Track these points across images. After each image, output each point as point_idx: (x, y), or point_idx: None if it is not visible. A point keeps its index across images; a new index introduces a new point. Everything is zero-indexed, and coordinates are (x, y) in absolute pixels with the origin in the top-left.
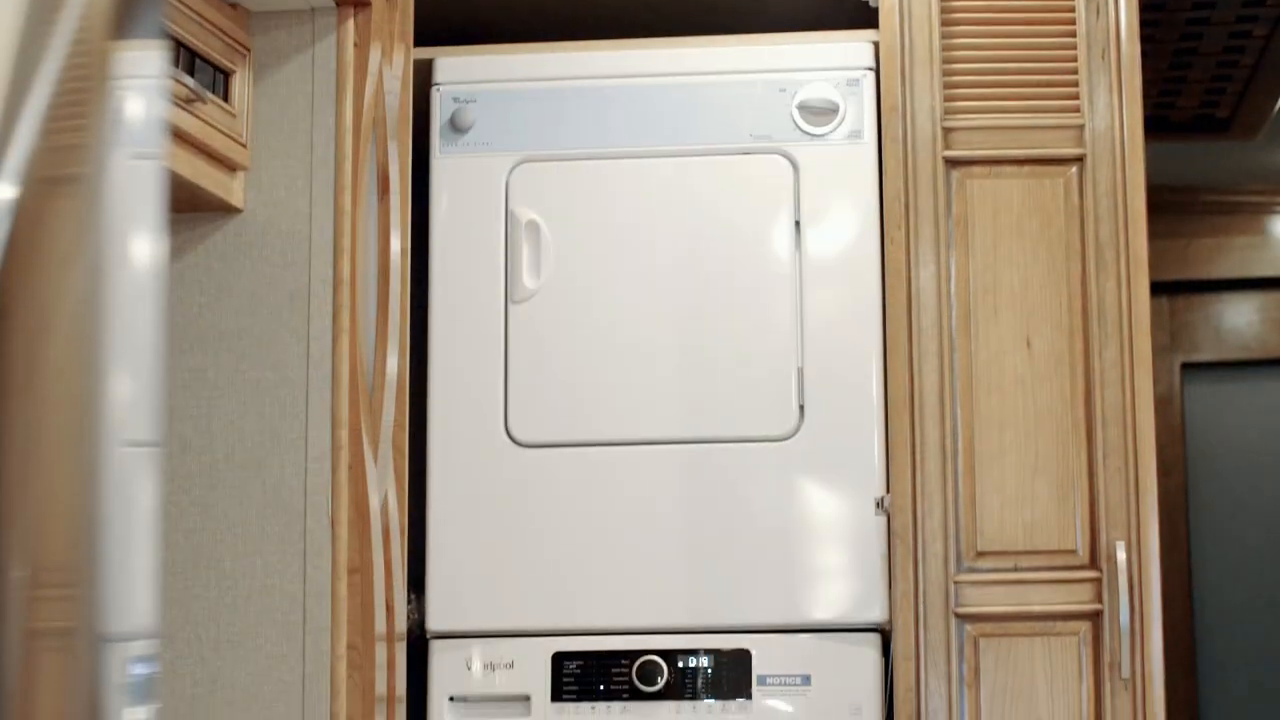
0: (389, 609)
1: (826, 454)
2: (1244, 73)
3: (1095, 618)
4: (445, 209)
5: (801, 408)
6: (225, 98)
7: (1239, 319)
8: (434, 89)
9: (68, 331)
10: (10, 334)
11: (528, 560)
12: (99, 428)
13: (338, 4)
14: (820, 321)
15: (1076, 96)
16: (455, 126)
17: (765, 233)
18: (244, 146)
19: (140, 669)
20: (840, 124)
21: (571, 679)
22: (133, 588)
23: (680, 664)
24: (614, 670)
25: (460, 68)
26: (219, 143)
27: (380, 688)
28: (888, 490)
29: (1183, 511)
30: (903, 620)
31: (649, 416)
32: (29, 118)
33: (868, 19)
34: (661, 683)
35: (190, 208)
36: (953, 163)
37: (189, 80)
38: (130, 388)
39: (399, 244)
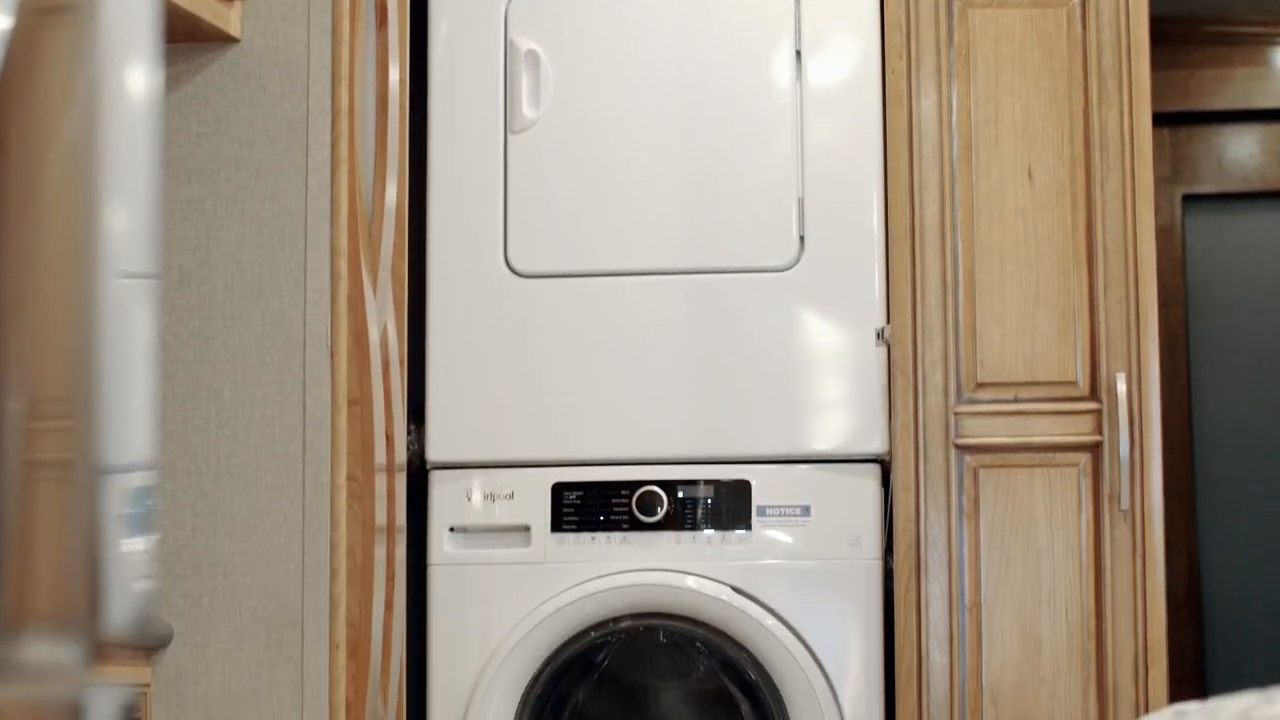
0: (389, 440)
1: (826, 285)
2: None
3: (1095, 449)
4: (444, 38)
5: (802, 238)
6: None
7: (1240, 150)
8: None
9: (64, 163)
10: (6, 166)
11: (527, 391)
12: (95, 260)
13: None
14: (821, 152)
15: None
16: None
17: (766, 62)
18: None
19: (139, 500)
20: None
21: (571, 509)
22: (130, 420)
23: (680, 494)
24: (614, 501)
25: None
26: None
27: (380, 518)
28: (888, 321)
29: (1183, 344)
30: (902, 451)
31: (649, 247)
32: None
33: None
34: (661, 513)
35: (187, 37)
36: None
37: None
38: (126, 219)
39: (397, 74)
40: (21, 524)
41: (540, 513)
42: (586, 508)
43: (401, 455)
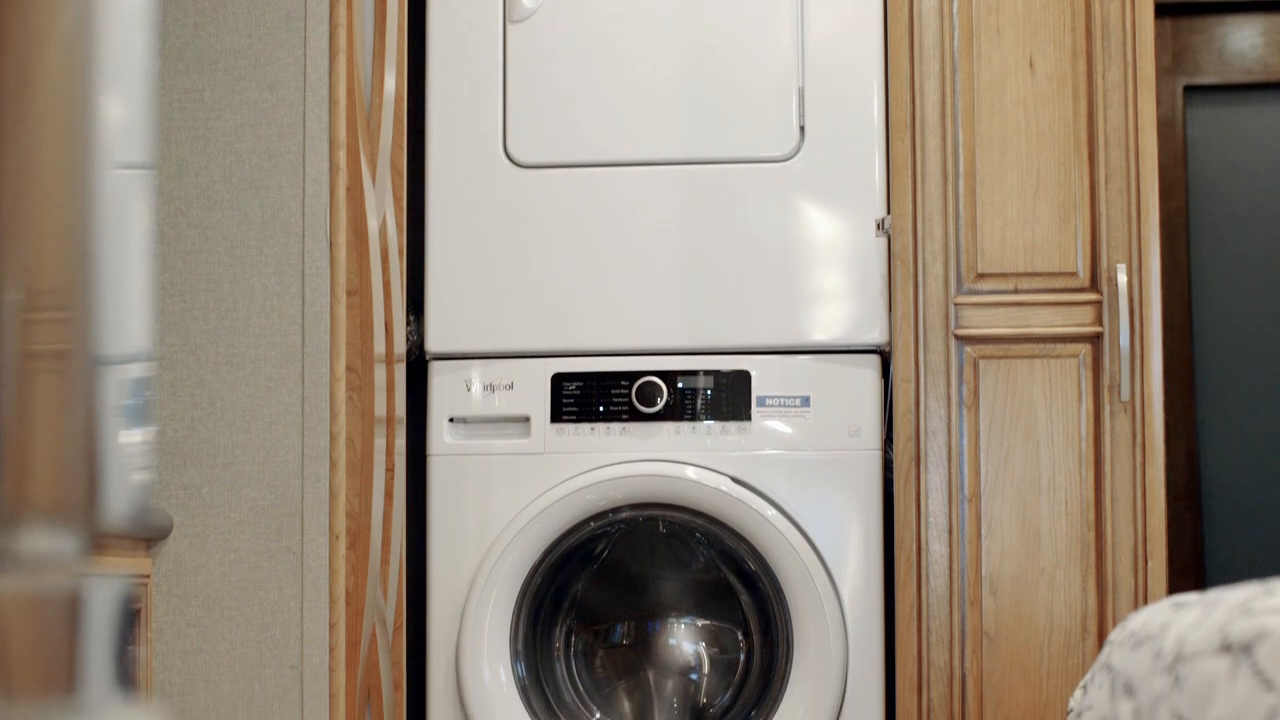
0: (388, 330)
1: (827, 175)
2: None
3: (1095, 340)
4: None
5: (802, 128)
6: None
7: (1243, 42)
8: None
9: (60, 54)
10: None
11: (527, 282)
12: (92, 151)
13: None
14: (821, 41)
15: None
16: None
17: None
18: None
19: (137, 391)
20: None
21: (571, 400)
22: (128, 311)
23: (680, 385)
24: (614, 391)
25: None
26: None
27: (379, 409)
28: (888, 211)
29: (1183, 235)
30: (902, 342)
31: (649, 137)
32: None
33: None
34: (661, 404)
35: None
36: None
37: None
38: (123, 110)
39: None
40: (19, 415)
41: (540, 403)
42: (586, 398)
43: (401, 346)
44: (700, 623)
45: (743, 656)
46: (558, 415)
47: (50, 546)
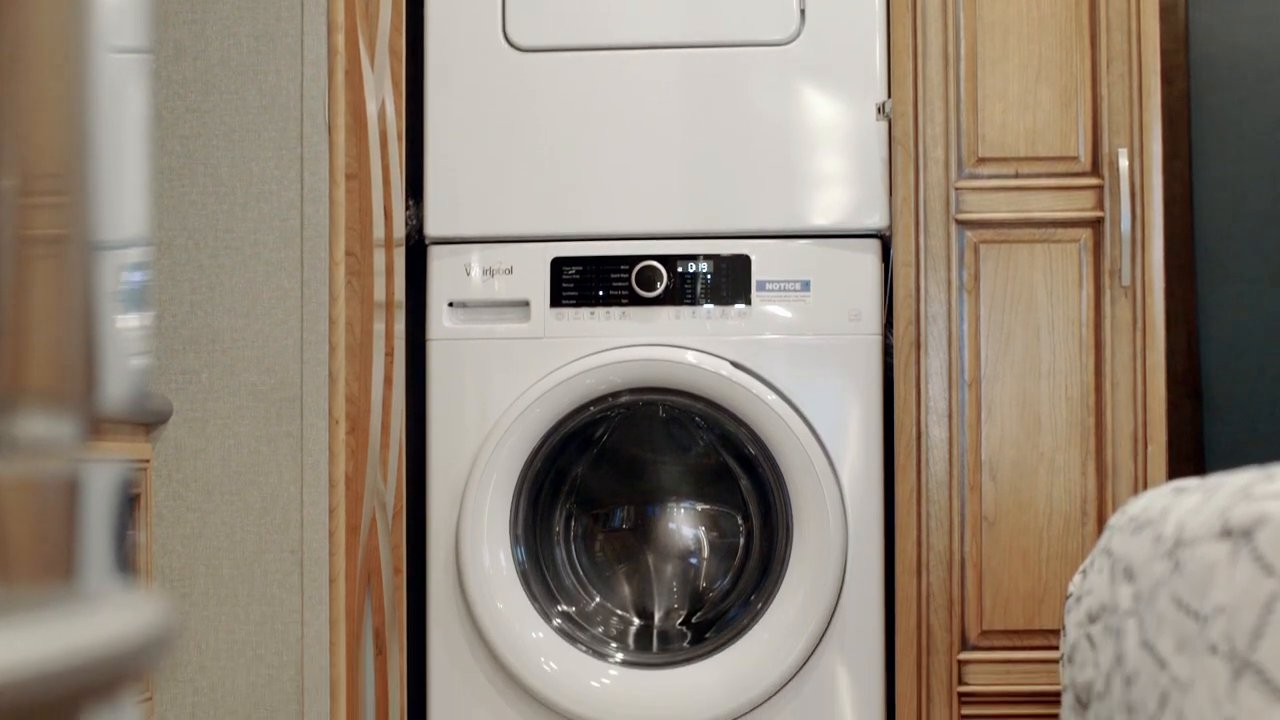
0: (387, 215)
1: (827, 58)
2: None
3: (1096, 225)
4: None
5: (802, 11)
6: None
7: None
8: None
9: None
10: None
11: (527, 166)
12: (88, 35)
13: None
14: None
15: None
16: None
17: None
18: None
19: (135, 276)
20: None
21: (571, 284)
22: (125, 196)
23: (679, 269)
24: (613, 275)
25: None
26: None
27: (379, 293)
28: (889, 95)
29: (1185, 119)
30: (903, 226)
31: (649, 19)
32: None
33: None
34: (661, 288)
35: None
36: None
37: None
38: None
39: None
40: (15, 301)
41: (539, 287)
42: (585, 282)
43: (400, 230)
44: (700, 507)
45: (742, 541)
46: (557, 300)
47: (48, 431)
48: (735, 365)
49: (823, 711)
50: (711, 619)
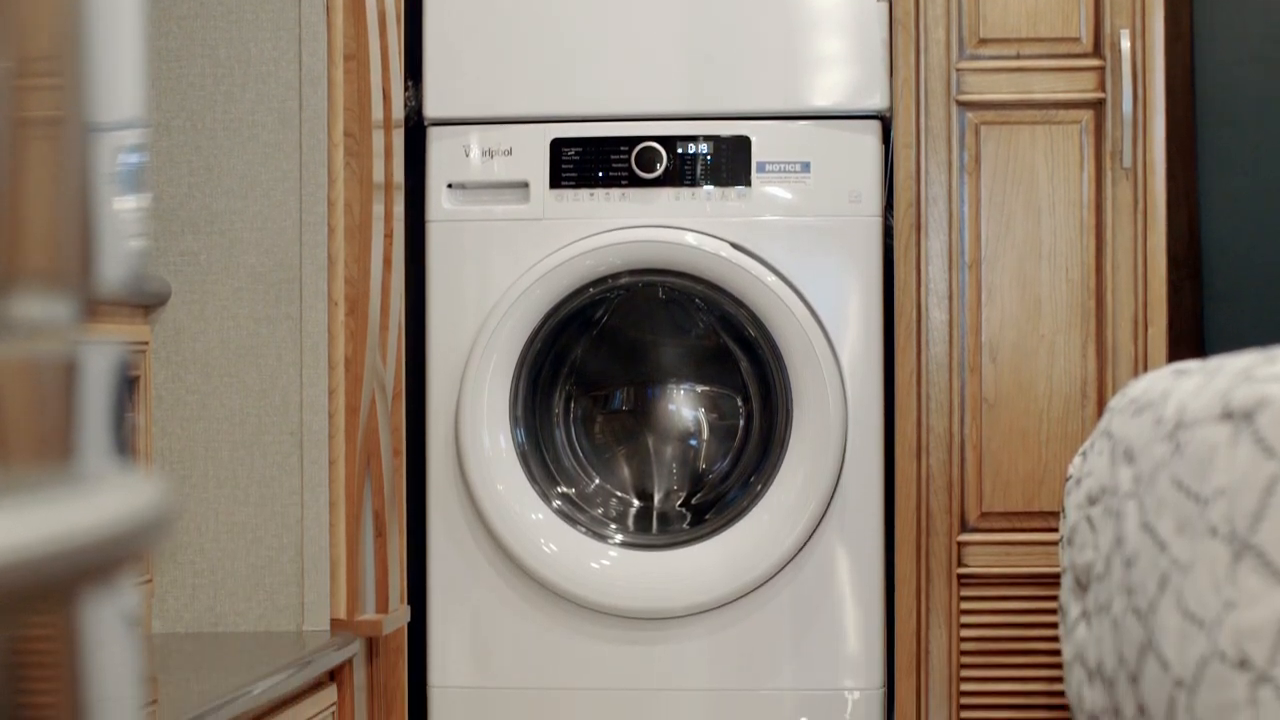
0: (385, 96)
1: None
2: None
3: (1098, 106)
4: None
5: None
6: None
7: None
8: None
9: None
10: None
11: (526, 46)
12: None
13: None
14: None
15: None
16: None
17: None
18: None
19: (131, 158)
20: None
21: (570, 165)
22: (122, 77)
23: (679, 150)
24: (613, 156)
25: None
26: None
27: (378, 175)
28: None
29: (1187, 2)
30: (904, 107)
31: None
32: None
33: None
34: (660, 169)
35: None
36: None
37: None
38: None
39: None
40: (11, 183)
41: (539, 169)
42: (585, 163)
43: (399, 111)
44: (700, 388)
45: (742, 422)
46: (557, 181)
47: (45, 313)
48: (735, 247)
49: (822, 593)
50: (711, 501)
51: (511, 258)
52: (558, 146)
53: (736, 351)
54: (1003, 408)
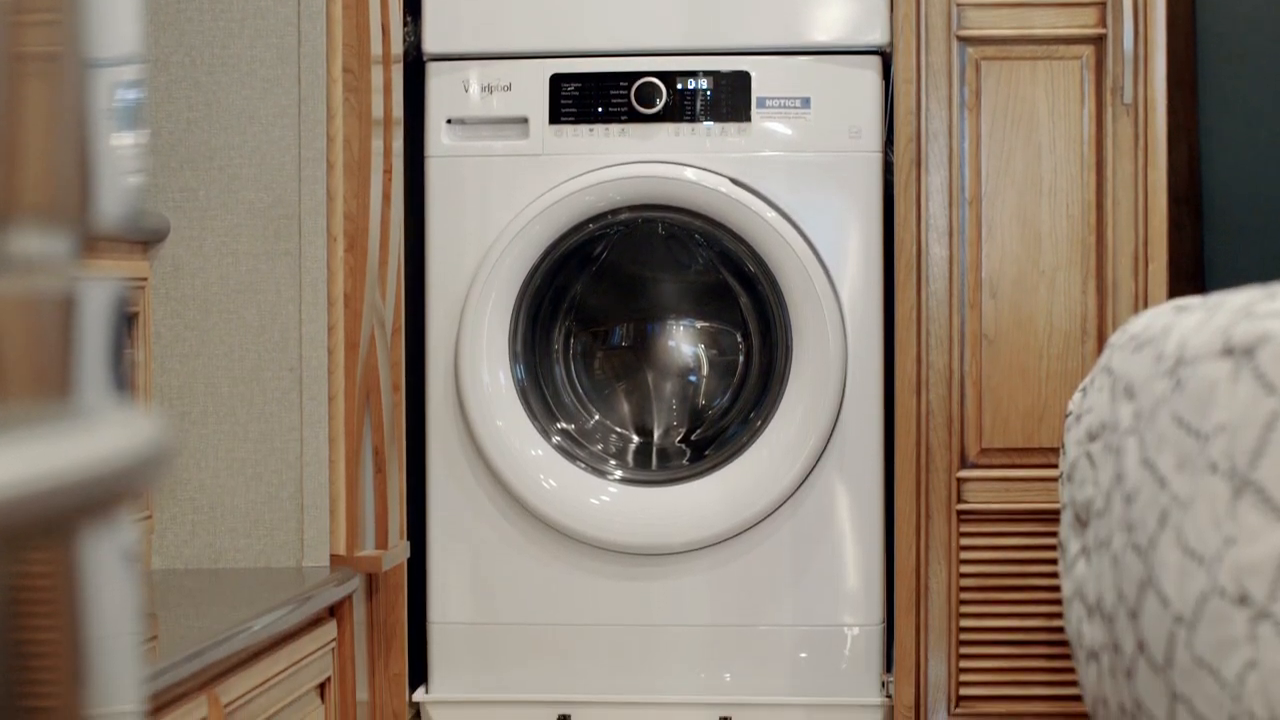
0: (384, 31)
1: None
2: None
3: (1098, 42)
4: None
5: None
6: None
7: None
8: None
9: None
10: None
11: None
12: None
13: None
14: None
15: None
16: None
17: None
18: None
19: (129, 94)
20: None
21: (570, 101)
22: (119, 12)
23: (679, 86)
24: (613, 92)
25: None
26: None
27: (377, 110)
28: None
29: None
30: (904, 43)
31: None
32: None
33: None
34: (660, 105)
35: None
36: None
37: None
38: None
39: None
40: (9, 119)
41: (538, 104)
42: (585, 99)
43: (398, 46)
44: (699, 325)
45: (742, 359)
46: (556, 116)
47: (42, 249)
48: (735, 182)
49: (822, 529)
50: (711, 436)
51: (511, 193)
52: (557, 82)
53: (736, 287)
54: (1003, 343)
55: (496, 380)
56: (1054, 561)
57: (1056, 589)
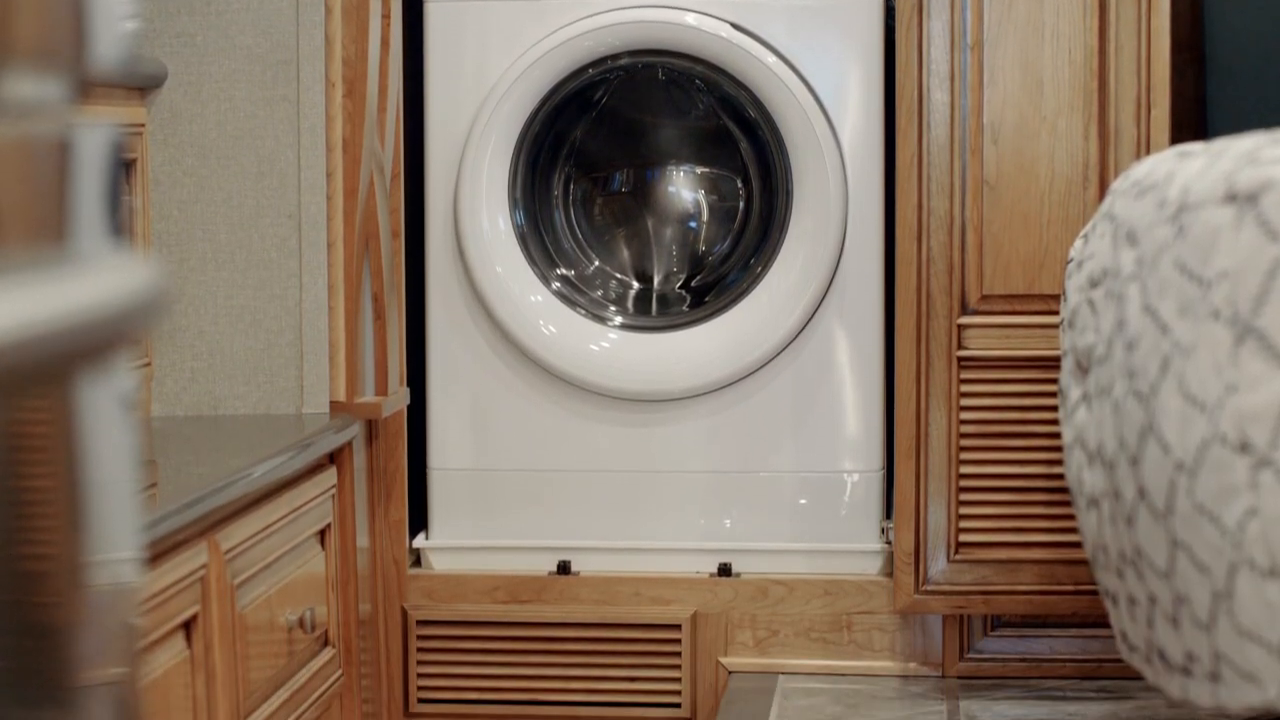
0: None
1: None
2: None
3: None
4: None
5: None
6: None
7: None
8: None
9: None
10: None
11: None
12: None
13: None
14: None
15: None
16: None
17: None
18: None
19: None
20: None
21: None
22: None
23: None
24: None
25: None
26: None
27: None
28: None
29: None
30: None
31: None
32: None
33: None
34: None
35: None
36: None
37: None
38: None
39: None
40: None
41: None
42: None
43: None
44: (699, 170)
45: (742, 205)
46: None
47: (37, 93)
48: (735, 27)
49: (822, 375)
50: (711, 283)
51: (509, 38)
52: None
53: (736, 133)
54: (1004, 189)
55: (496, 226)
56: (1054, 408)
57: (1057, 436)
